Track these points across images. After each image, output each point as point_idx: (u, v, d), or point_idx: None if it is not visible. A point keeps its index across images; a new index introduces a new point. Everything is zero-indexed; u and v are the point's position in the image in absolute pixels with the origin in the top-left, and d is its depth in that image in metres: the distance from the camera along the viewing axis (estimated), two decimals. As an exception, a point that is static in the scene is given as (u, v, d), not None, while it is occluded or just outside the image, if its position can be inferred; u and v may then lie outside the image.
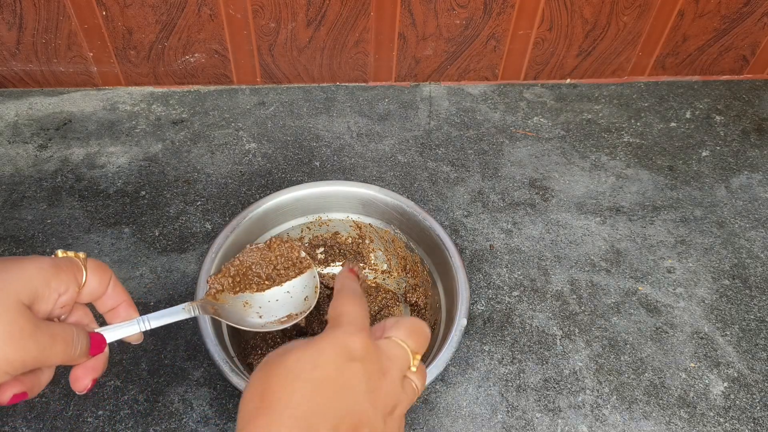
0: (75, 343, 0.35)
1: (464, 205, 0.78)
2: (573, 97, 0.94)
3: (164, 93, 0.91)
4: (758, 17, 0.89)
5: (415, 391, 0.36)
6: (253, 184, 0.79)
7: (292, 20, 0.84)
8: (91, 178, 0.79)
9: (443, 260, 0.60)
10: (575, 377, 0.62)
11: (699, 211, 0.79)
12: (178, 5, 0.81)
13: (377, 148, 0.84)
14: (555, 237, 0.75)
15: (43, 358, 0.33)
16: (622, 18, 0.88)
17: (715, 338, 0.66)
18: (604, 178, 0.82)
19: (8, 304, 0.31)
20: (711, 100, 0.95)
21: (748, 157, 0.86)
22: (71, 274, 0.36)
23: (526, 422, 0.59)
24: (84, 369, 0.38)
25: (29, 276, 0.33)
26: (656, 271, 0.72)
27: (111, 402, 0.59)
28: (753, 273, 0.73)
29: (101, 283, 0.38)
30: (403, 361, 0.35)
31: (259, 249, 0.58)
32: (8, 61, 0.85)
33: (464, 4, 0.84)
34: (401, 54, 0.90)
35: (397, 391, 0.34)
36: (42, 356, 0.33)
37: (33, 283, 0.33)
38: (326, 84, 0.93)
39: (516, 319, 0.67)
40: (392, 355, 0.35)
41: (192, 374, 0.61)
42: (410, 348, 0.36)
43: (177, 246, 0.72)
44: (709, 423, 0.60)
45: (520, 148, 0.86)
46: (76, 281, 0.37)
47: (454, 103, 0.92)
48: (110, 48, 0.85)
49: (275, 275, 0.56)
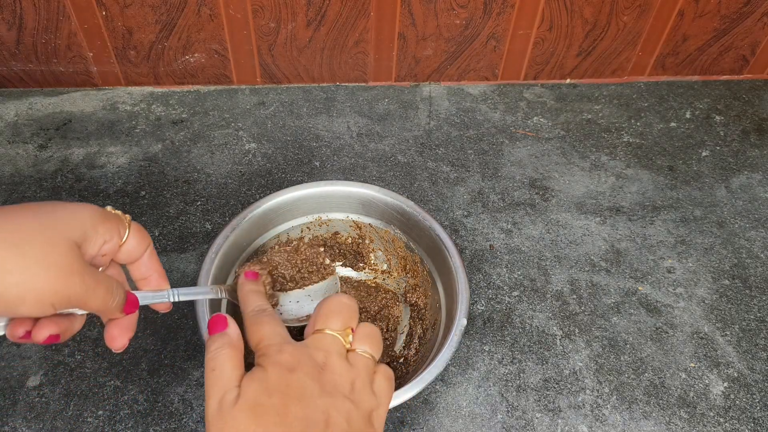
0: (114, 293, 0.36)
1: (464, 205, 0.78)
2: (573, 97, 0.94)
3: (164, 93, 0.91)
4: (758, 17, 0.89)
5: (368, 359, 0.38)
6: (253, 184, 0.79)
7: (292, 20, 0.84)
8: (91, 178, 0.79)
9: (443, 260, 0.60)
10: (575, 377, 0.62)
11: (699, 211, 0.79)
12: (178, 5, 0.81)
13: (377, 148, 0.84)
14: (555, 237, 0.75)
15: (85, 299, 0.34)
16: (622, 18, 0.88)
17: (715, 338, 0.66)
18: (604, 178, 0.82)
19: (60, 239, 0.33)
20: (711, 100, 0.95)
21: (748, 157, 0.86)
22: (116, 226, 0.38)
23: (526, 422, 0.59)
24: (119, 329, 0.39)
25: (81, 217, 0.35)
26: (656, 271, 0.72)
27: (111, 402, 0.59)
28: (753, 273, 0.73)
29: (139, 245, 0.40)
30: (333, 344, 0.37)
31: (287, 251, 0.58)
32: (8, 61, 0.85)
33: (464, 4, 0.84)
34: (401, 54, 0.90)
35: (346, 371, 0.36)
36: (85, 296, 0.34)
37: (84, 225, 0.35)
38: (326, 84, 0.93)
39: (516, 319, 0.67)
40: (321, 345, 0.37)
41: (192, 374, 0.61)
42: (335, 329, 0.38)
43: (177, 246, 0.72)
44: (709, 423, 0.60)
45: (520, 148, 0.86)
46: (119, 234, 0.38)
47: (454, 103, 0.92)
48: (110, 48, 0.85)
49: (298, 278, 0.57)
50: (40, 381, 0.60)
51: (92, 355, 0.62)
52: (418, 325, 0.63)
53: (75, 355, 0.62)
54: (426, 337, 0.62)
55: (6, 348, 0.62)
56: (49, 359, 0.61)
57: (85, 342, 0.63)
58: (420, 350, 0.61)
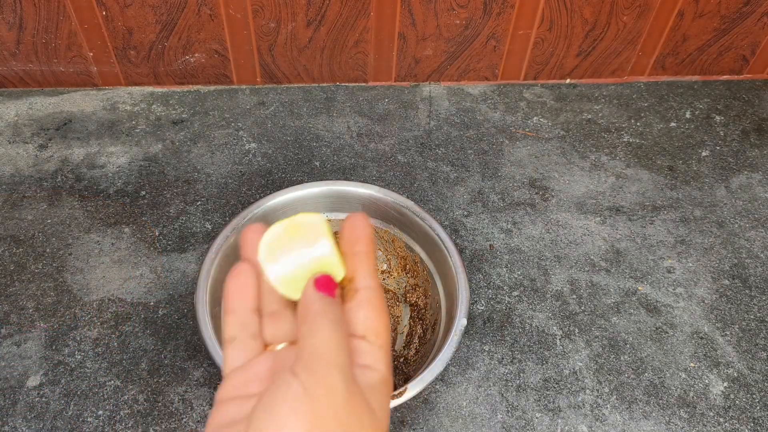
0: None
1: (464, 205, 0.78)
2: (573, 97, 0.94)
3: (164, 93, 0.91)
4: (758, 17, 0.89)
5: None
6: (253, 184, 0.79)
7: (292, 20, 0.84)
8: (91, 178, 0.79)
9: (443, 260, 0.60)
10: (575, 377, 0.62)
11: (699, 211, 0.79)
12: (178, 5, 0.81)
13: (377, 148, 0.84)
14: (555, 237, 0.75)
15: None
16: (622, 18, 0.88)
17: (714, 338, 0.66)
18: (603, 178, 0.82)
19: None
20: (711, 100, 0.95)
21: (748, 157, 0.86)
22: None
23: (526, 422, 0.59)
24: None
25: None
26: (656, 271, 0.72)
27: (111, 402, 0.59)
28: (753, 273, 0.73)
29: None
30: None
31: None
32: (8, 61, 0.85)
33: (464, 4, 0.84)
34: (401, 54, 0.90)
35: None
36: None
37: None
38: (326, 84, 0.93)
39: (516, 319, 0.67)
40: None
41: (192, 374, 0.61)
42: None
43: (177, 246, 0.72)
44: (708, 423, 0.60)
45: (520, 148, 0.86)
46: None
47: (454, 103, 0.92)
48: (110, 48, 0.85)
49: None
50: (40, 381, 0.60)
51: (92, 355, 0.62)
52: (418, 325, 0.64)
53: (75, 355, 0.62)
54: (426, 337, 0.62)
55: (6, 348, 0.62)
56: (49, 359, 0.61)
57: (85, 342, 0.63)
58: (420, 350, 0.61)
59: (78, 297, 0.67)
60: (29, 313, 0.65)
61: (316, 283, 0.27)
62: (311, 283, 0.27)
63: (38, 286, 0.67)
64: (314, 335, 0.26)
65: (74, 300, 0.66)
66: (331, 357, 0.25)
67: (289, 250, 0.27)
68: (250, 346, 0.29)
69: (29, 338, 0.63)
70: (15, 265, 0.69)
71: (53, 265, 0.69)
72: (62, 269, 0.69)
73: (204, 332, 0.53)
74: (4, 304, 0.66)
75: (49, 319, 0.64)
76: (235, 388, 0.28)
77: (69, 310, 0.65)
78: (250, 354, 0.28)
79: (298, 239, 0.28)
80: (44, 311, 0.65)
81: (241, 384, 0.28)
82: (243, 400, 0.27)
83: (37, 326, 0.64)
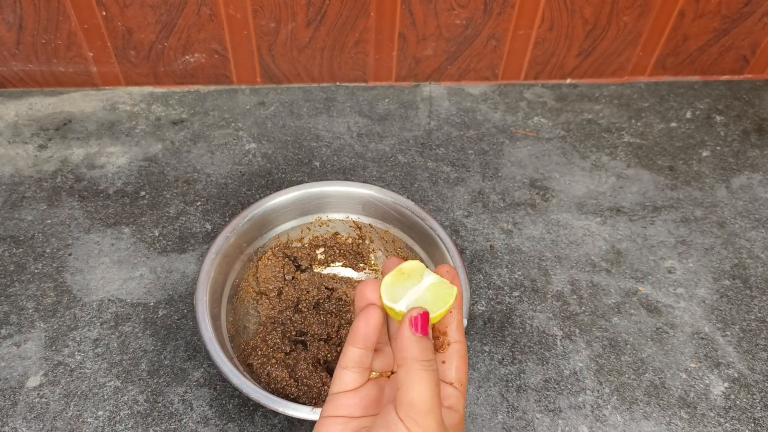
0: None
1: (464, 205, 0.78)
2: (573, 97, 0.94)
3: (164, 93, 0.91)
4: (758, 17, 0.89)
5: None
6: (253, 184, 0.79)
7: (292, 20, 0.84)
8: (91, 179, 0.79)
9: (443, 261, 0.60)
10: (575, 377, 0.62)
11: (699, 211, 0.79)
12: (178, 5, 0.81)
13: (377, 148, 0.84)
14: (555, 237, 0.75)
15: None
16: (622, 18, 0.87)
17: (715, 338, 0.66)
18: (604, 178, 0.82)
19: None
20: (711, 100, 0.95)
21: (749, 157, 0.86)
22: None
23: (527, 423, 0.59)
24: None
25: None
26: (657, 271, 0.72)
27: (111, 402, 0.59)
28: (753, 273, 0.73)
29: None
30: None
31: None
32: (8, 61, 0.85)
33: (464, 4, 0.84)
34: (401, 54, 0.90)
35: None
36: None
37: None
38: (326, 84, 0.93)
39: (516, 319, 0.67)
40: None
41: (192, 374, 0.61)
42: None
43: (177, 246, 0.72)
44: (709, 423, 0.60)
45: (521, 148, 0.86)
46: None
47: (455, 103, 0.92)
48: (110, 48, 0.85)
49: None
50: (40, 381, 0.60)
51: (92, 355, 0.62)
52: (419, 326, 0.63)
53: (75, 356, 0.62)
54: (426, 337, 0.61)
55: (6, 348, 0.62)
56: (49, 360, 0.61)
57: (84, 342, 0.63)
58: (420, 350, 0.61)
59: (78, 297, 0.66)
60: (29, 313, 0.65)
61: (412, 322, 0.32)
62: (406, 322, 0.31)
63: (38, 286, 0.67)
64: (414, 386, 0.30)
65: (74, 300, 0.66)
66: (429, 407, 0.30)
67: (405, 289, 0.33)
68: (361, 376, 0.34)
69: (29, 339, 0.63)
70: (15, 265, 0.69)
71: (53, 266, 0.69)
72: (62, 269, 0.69)
73: (204, 332, 0.53)
74: (4, 304, 0.66)
75: (49, 320, 0.64)
76: (341, 408, 0.33)
77: (69, 310, 0.65)
78: (359, 382, 0.34)
79: (409, 280, 0.34)
80: (44, 312, 0.65)
81: (346, 406, 0.33)
82: (347, 419, 0.33)
83: (37, 327, 0.64)
